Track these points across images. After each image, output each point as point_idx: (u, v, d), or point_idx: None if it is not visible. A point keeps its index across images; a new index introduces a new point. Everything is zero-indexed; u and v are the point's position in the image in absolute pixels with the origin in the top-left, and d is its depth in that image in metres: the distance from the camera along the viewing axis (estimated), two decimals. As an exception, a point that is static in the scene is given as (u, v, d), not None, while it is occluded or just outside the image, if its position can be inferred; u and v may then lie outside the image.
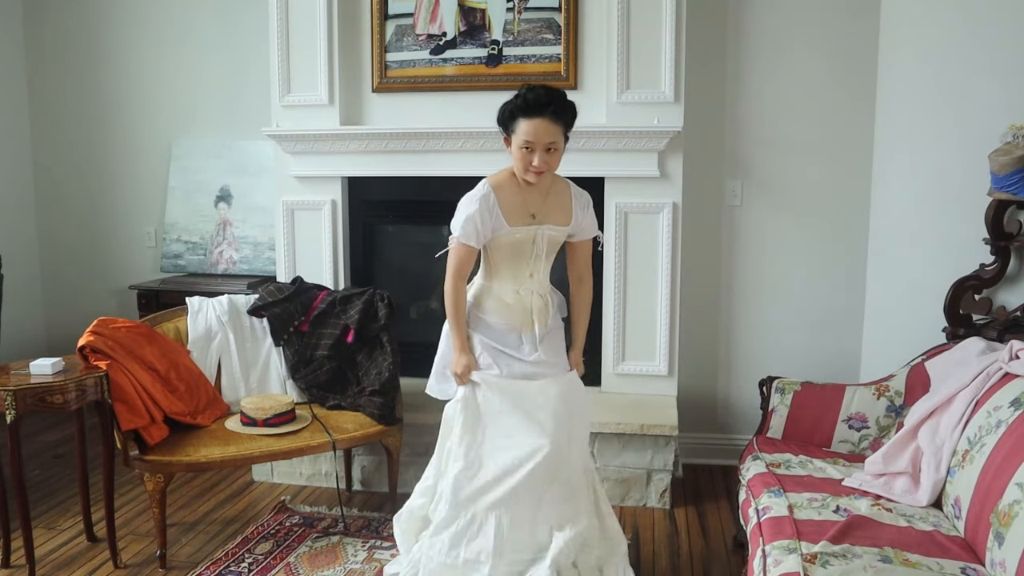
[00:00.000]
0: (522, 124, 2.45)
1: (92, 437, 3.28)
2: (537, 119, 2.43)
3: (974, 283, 2.97)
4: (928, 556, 2.03)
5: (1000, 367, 2.40)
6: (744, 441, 3.78)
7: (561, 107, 2.45)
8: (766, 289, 3.83)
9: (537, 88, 2.46)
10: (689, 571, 2.95)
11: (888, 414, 2.81)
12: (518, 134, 2.46)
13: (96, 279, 4.74)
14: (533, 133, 2.43)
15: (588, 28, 3.60)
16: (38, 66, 4.73)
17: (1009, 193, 2.77)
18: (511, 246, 2.56)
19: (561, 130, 2.47)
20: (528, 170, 2.47)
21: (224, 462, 2.97)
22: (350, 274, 3.95)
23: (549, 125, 2.43)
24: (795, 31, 3.66)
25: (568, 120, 2.49)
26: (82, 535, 3.18)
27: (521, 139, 2.45)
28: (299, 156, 3.81)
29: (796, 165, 3.73)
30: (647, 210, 3.58)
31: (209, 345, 3.41)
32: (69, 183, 4.76)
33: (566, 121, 2.48)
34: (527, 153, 2.46)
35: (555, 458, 2.47)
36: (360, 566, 2.94)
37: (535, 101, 2.43)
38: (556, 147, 2.47)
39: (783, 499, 2.38)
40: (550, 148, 2.46)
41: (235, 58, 4.38)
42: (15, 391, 2.67)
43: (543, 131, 2.43)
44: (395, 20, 3.75)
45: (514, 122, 2.47)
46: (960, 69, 3.09)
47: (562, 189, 2.62)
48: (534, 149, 2.44)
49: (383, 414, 3.22)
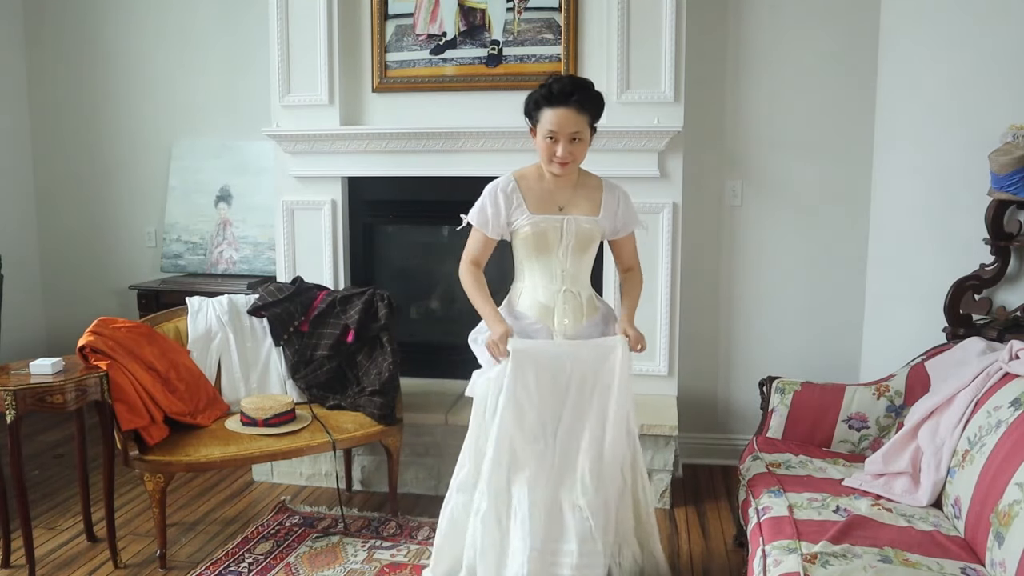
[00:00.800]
0: (546, 113, 2.42)
1: (92, 437, 3.28)
2: (561, 108, 2.40)
3: (974, 283, 2.97)
4: (928, 556, 2.03)
5: (1000, 367, 2.40)
6: (744, 441, 3.78)
7: (586, 97, 2.43)
8: (766, 289, 3.83)
9: (563, 78, 2.45)
10: (689, 571, 2.95)
11: (888, 414, 2.81)
12: (542, 123, 2.44)
13: (96, 279, 4.75)
14: (557, 122, 2.41)
15: (588, 28, 3.60)
16: (38, 66, 4.73)
17: (1009, 193, 2.77)
18: (535, 237, 2.51)
19: (586, 120, 2.44)
20: (552, 160, 2.45)
21: (224, 462, 2.97)
22: (350, 274, 3.95)
23: (574, 115, 2.41)
24: (795, 31, 3.66)
25: (594, 111, 2.46)
26: (82, 535, 3.18)
27: (545, 128, 2.43)
28: (299, 156, 3.81)
29: (796, 165, 3.73)
30: (647, 210, 3.57)
31: (209, 345, 3.40)
32: (69, 183, 4.76)
33: (592, 111, 2.45)
34: (551, 143, 2.43)
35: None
36: (360, 566, 2.94)
37: (560, 91, 2.41)
38: (581, 137, 2.44)
39: (783, 499, 2.38)
40: (575, 138, 2.43)
41: (235, 58, 4.39)
42: (15, 391, 2.67)
43: (567, 121, 2.41)
44: (395, 20, 3.75)
45: (539, 111, 2.45)
46: (960, 69, 3.09)
47: (593, 183, 2.59)
48: (558, 139, 2.42)
49: (383, 414, 3.22)
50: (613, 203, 2.57)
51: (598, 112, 2.48)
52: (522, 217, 2.51)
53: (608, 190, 2.59)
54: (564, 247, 2.52)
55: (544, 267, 2.54)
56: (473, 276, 2.58)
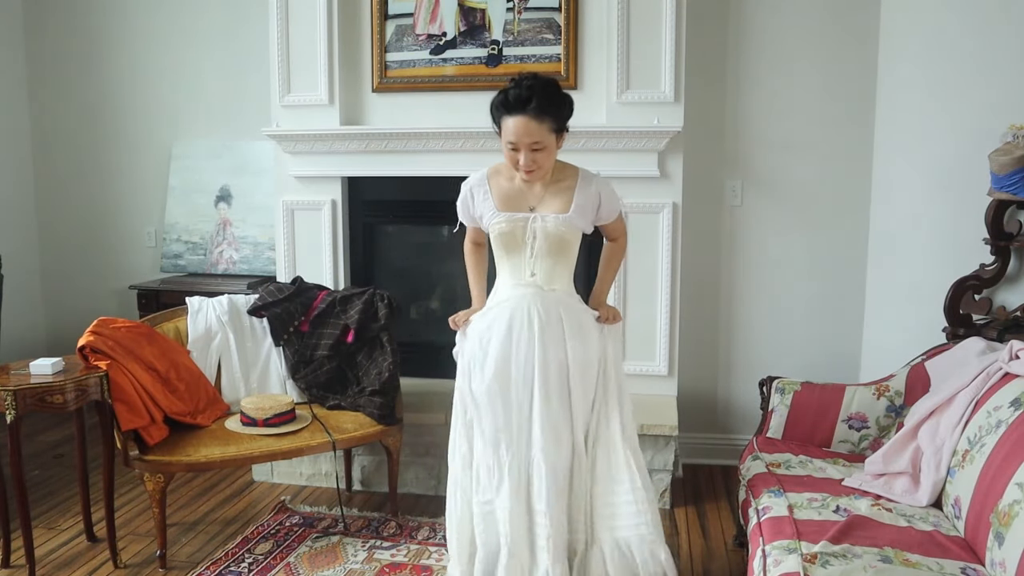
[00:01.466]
0: (506, 122, 2.29)
1: (92, 437, 3.28)
2: (518, 117, 2.26)
3: (974, 283, 2.97)
4: (928, 556, 2.03)
5: (1000, 367, 2.40)
6: (744, 441, 3.78)
7: (546, 103, 2.26)
8: (766, 289, 3.83)
9: (523, 82, 2.28)
10: (689, 571, 2.95)
11: (888, 414, 2.81)
12: (503, 132, 2.31)
13: (96, 279, 4.75)
14: (515, 133, 2.27)
15: (588, 28, 3.60)
16: (38, 66, 4.73)
17: (1009, 193, 2.77)
18: (502, 236, 2.42)
19: (547, 128, 2.28)
20: (518, 170, 2.35)
21: (224, 462, 2.97)
22: (350, 274, 3.95)
23: (532, 124, 2.26)
24: (795, 30, 3.66)
25: (556, 116, 2.30)
26: (82, 535, 3.18)
27: (506, 138, 2.31)
28: (299, 156, 3.81)
29: (796, 165, 3.73)
30: (647, 210, 3.58)
31: (209, 345, 3.40)
32: (69, 183, 4.76)
33: (553, 117, 2.29)
34: (513, 153, 2.32)
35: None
36: (360, 566, 2.94)
37: (516, 98, 2.26)
38: (542, 146, 2.29)
39: (783, 499, 2.38)
40: (535, 148, 2.29)
41: (235, 58, 4.38)
42: (15, 391, 2.67)
43: (525, 130, 2.26)
44: (395, 20, 3.74)
45: (500, 118, 2.32)
46: (960, 69, 3.09)
47: (567, 179, 2.43)
48: (519, 148, 2.30)
49: (383, 414, 3.22)
50: (589, 196, 2.42)
51: (561, 116, 2.32)
52: (488, 214, 2.44)
53: (583, 183, 2.42)
54: (532, 248, 2.39)
55: (514, 267, 2.45)
56: (472, 256, 2.65)
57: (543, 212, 2.40)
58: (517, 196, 2.44)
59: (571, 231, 2.41)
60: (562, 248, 2.42)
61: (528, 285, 2.42)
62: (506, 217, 2.41)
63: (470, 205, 2.51)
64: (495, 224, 2.43)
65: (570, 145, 3.48)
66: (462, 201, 2.54)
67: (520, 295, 2.43)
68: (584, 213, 2.42)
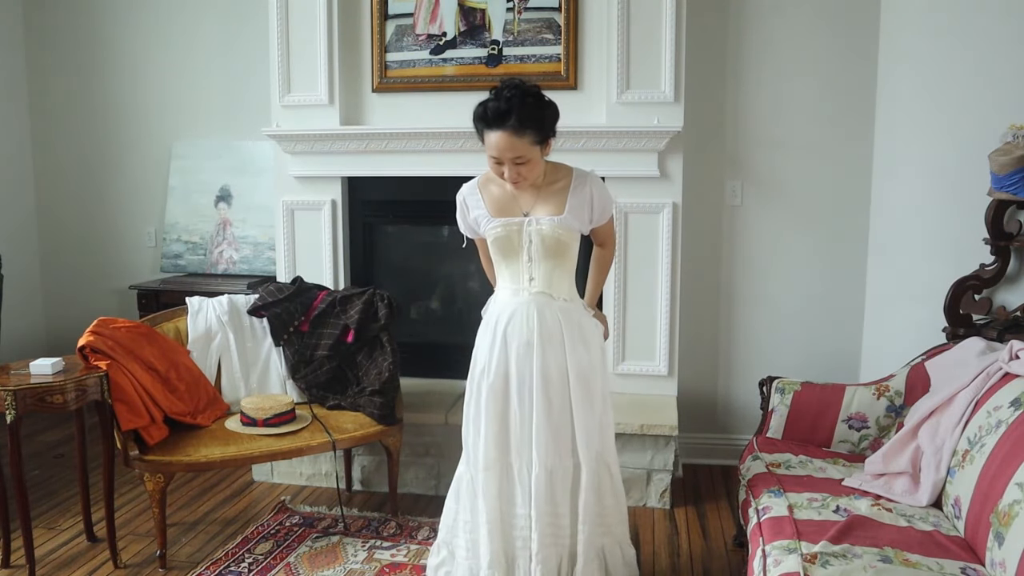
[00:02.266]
0: (487, 135, 2.25)
1: (92, 437, 3.29)
2: (498, 131, 2.22)
3: (974, 283, 2.97)
4: (928, 556, 2.03)
5: (1000, 367, 2.40)
6: (744, 441, 3.78)
7: (525, 116, 2.20)
8: (766, 289, 3.83)
9: (503, 94, 2.22)
10: (689, 571, 2.95)
11: (888, 414, 2.81)
12: (486, 144, 2.27)
13: (96, 279, 4.75)
14: (496, 148, 2.23)
15: (588, 28, 3.60)
16: (38, 66, 4.73)
17: (1009, 193, 2.77)
18: (498, 241, 2.40)
19: (528, 141, 2.23)
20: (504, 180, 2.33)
21: (224, 462, 2.97)
22: (350, 274, 3.95)
23: (512, 139, 2.21)
24: (795, 30, 3.66)
25: (537, 129, 2.24)
26: (82, 535, 3.18)
27: (487, 151, 2.27)
28: (299, 156, 3.81)
29: (796, 165, 3.73)
30: (647, 210, 3.58)
31: (209, 345, 3.41)
32: (69, 183, 4.76)
33: (536, 129, 2.23)
34: (498, 166, 2.28)
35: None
36: (360, 566, 2.94)
37: (495, 112, 2.21)
38: (525, 159, 2.25)
39: (783, 499, 2.38)
40: (518, 161, 2.25)
41: (235, 58, 4.38)
42: (15, 391, 2.67)
43: (505, 145, 2.22)
44: (395, 20, 3.75)
45: (481, 131, 2.28)
46: (960, 69, 3.09)
47: (561, 180, 2.40)
48: (502, 162, 2.26)
49: (383, 414, 3.22)
50: (583, 197, 2.38)
51: (544, 128, 2.26)
52: (483, 220, 2.43)
53: (577, 184, 2.39)
54: (529, 252, 2.37)
55: (512, 273, 2.42)
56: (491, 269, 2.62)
57: (537, 215, 2.38)
58: (510, 201, 2.41)
59: (567, 233, 2.38)
60: (560, 251, 2.39)
61: (526, 292, 2.41)
62: (501, 223, 2.39)
63: (466, 214, 2.50)
64: (491, 230, 2.41)
65: (570, 145, 3.49)
66: (459, 212, 2.52)
67: (517, 303, 2.41)
68: (579, 214, 2.40)
